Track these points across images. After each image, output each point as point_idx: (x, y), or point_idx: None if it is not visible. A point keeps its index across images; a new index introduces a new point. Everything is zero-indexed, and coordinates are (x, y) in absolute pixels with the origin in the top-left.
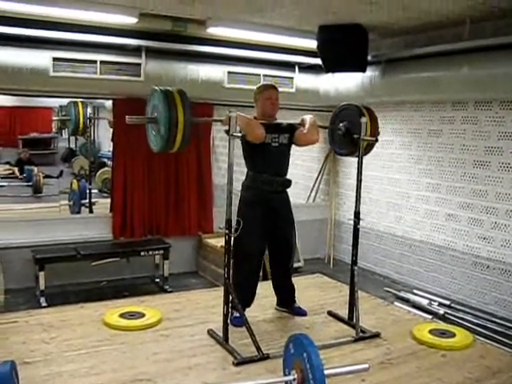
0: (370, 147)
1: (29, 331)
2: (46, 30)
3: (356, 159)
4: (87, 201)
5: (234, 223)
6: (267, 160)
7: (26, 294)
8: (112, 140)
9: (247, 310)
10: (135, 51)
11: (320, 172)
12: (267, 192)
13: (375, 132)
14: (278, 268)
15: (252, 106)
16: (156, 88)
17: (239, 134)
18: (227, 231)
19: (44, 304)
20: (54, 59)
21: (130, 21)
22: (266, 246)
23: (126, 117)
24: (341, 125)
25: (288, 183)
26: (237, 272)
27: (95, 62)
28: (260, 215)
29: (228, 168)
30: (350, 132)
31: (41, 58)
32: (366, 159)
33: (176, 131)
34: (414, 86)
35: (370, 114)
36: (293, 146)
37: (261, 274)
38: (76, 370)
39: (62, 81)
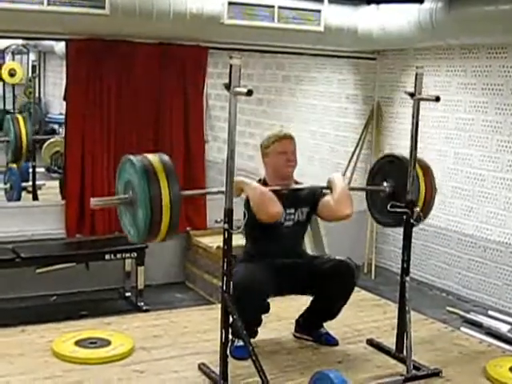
0: (424, 212)
1: None
2: None
3: (407, 127)
4: (30, 183)
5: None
6: (274, 243)
7: None
8: (64, 98)
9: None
10: None
11: (358, 145)
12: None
13: (431, 198)
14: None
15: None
16: (130, 158)
17: (244, 90)
18: (227, 226)
19: None
20: None
21: None
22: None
23: (91, 200)
24: (385, 184)
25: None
26: (239, 283)
27: None
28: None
29: (228, 137)
30: (395, 197)
31: None
32: (423, 126)
33: (160, 218)
34: (493, 22)
35: (425, 172)
36: (324, 106)
37: None
38: None
39: None
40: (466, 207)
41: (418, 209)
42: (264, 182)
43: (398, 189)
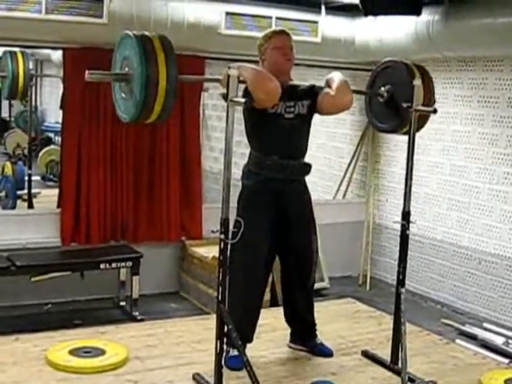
0: (422, 122)
1: None
2: None
3: (404, 138)
4: (25, 191)
5: (232, 225)
6: (278, 137)
7: None
8: (61, 107)
9: (249, 346)
10: None
11: (354, 157)
12: (277, 181)
13: (430, 99)
14: (293, 290)
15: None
16: (128, 33)
17: (242, 100)
18: (223, 236)
19: None
20: None
21: None
22: (274, 258)
23: (86, 72)
24: (382, 89)
25: (307, 169)
26: (233, 294)
27: None
28: (267, 213)
29: (225, 147)
30: (394, 99)
31: None
32: (419, 139)
33: (156, 93)
34: (490, 35)
35: (423, 75)
36: (315, 117)
37: (268, 296)
38: None
39: None
40: (461, 219)
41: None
42: None
43: (396, 93)
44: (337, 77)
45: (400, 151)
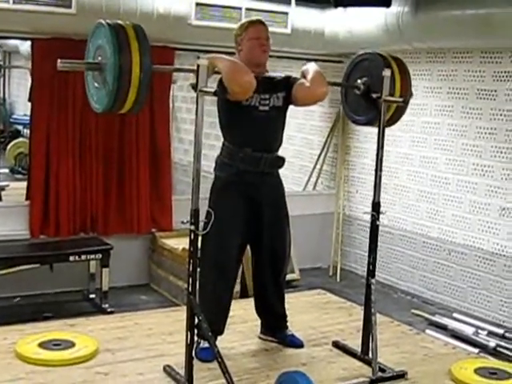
0: (397, 113)
1: None
2: None
3: (374, 129)
4: None
5: (202, 216)
6: (252, 130)
7: None
8: (30, 99)
9: (219, 338)
10: None
11: (324, 148)
12: (251, 174)
13: (406, 91)
14: (265, 281)
15: (233, 53)
16: (102, 22)
17: (211, 90)
18: (193, 227)
19: None
20: None
21: None
22: (245, 250)
23: (58, 61)
24: (359, 81)
25: (280, 162)
26: (204, 286)
27: None
28: (240, 206)
29: (195, 138)
30: (371, 91)
31: None
32: (388, 130)
33: (129, 83)
34: (459, 27)
35: (400, 67)
36: (290, 108)
37: (238, 288)
38: None
39: None
40: (431, 210)
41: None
42: None
43: (372, 85)
44: (312, 68)
45: (370, 143)
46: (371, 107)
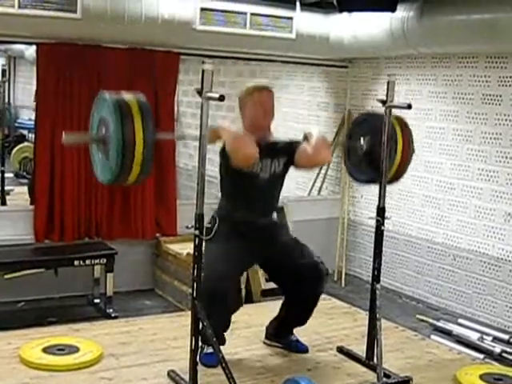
0: (403, 168)
1: None
2: None
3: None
4: None
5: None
6: (250, 196)
7: None
8: (35, 103)
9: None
10: None
11: None
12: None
13: (409, 150)
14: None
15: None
16: (105, 95)
17: (216, 95)
18: (197, 232)
19: None
20: None
21: None
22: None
23: (63, 134)
24: (362, 141)
25: (274, 225)
26: (207, 306)
27: None
28: (241, 246)
29: (199, 143)
30: (374, 152)
31: None
32: None
33: (132, 158)
34: (464, 32)
35: (402, 126)
36: (295, 113)
37: (243, 293)
38: None
39: None
40: (436, 215)
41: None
42: None
43: (375, 146)
44: (315, 132)
45: None
46: (374, 167)
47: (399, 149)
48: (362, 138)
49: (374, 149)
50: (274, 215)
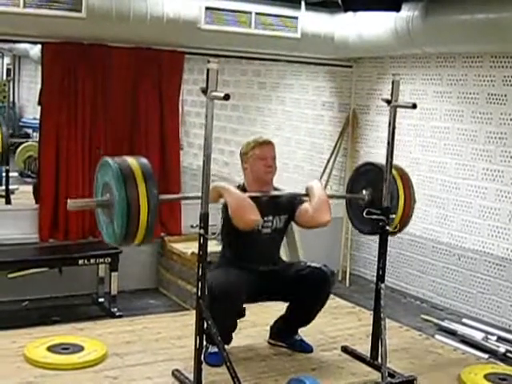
0: (404, 221)
1: None
2: None
3: (383, 134)
4: (3, 188)
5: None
6: (251, 250)
7: None
8: (39, 102)
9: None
10: None
11: (333, 153)
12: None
13: (410, 202)
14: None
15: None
16: (108, 161)
17: (221, 94)
18: (202, 231)
19: None
20: None
21: None
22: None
23: (68, 201)
24: (364, 193)
25: (276, 271)
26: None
27: None
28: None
29: (204, 142)
30: (375, 203)
31: None
32: (398, 134)
33: (137, 222)
34: (469, 31)
35: (402, 176)
36: (300, 112)
37: None
38: None
39: None
40: (440, 215)
41: (393, 216)
42: (243, 189)
43: (377, 197)
44: (317, 191)
45: (379, 148)
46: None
47: (401, 200)
48: (363, 190)
49: (375, 201)
50: (276, 264)
